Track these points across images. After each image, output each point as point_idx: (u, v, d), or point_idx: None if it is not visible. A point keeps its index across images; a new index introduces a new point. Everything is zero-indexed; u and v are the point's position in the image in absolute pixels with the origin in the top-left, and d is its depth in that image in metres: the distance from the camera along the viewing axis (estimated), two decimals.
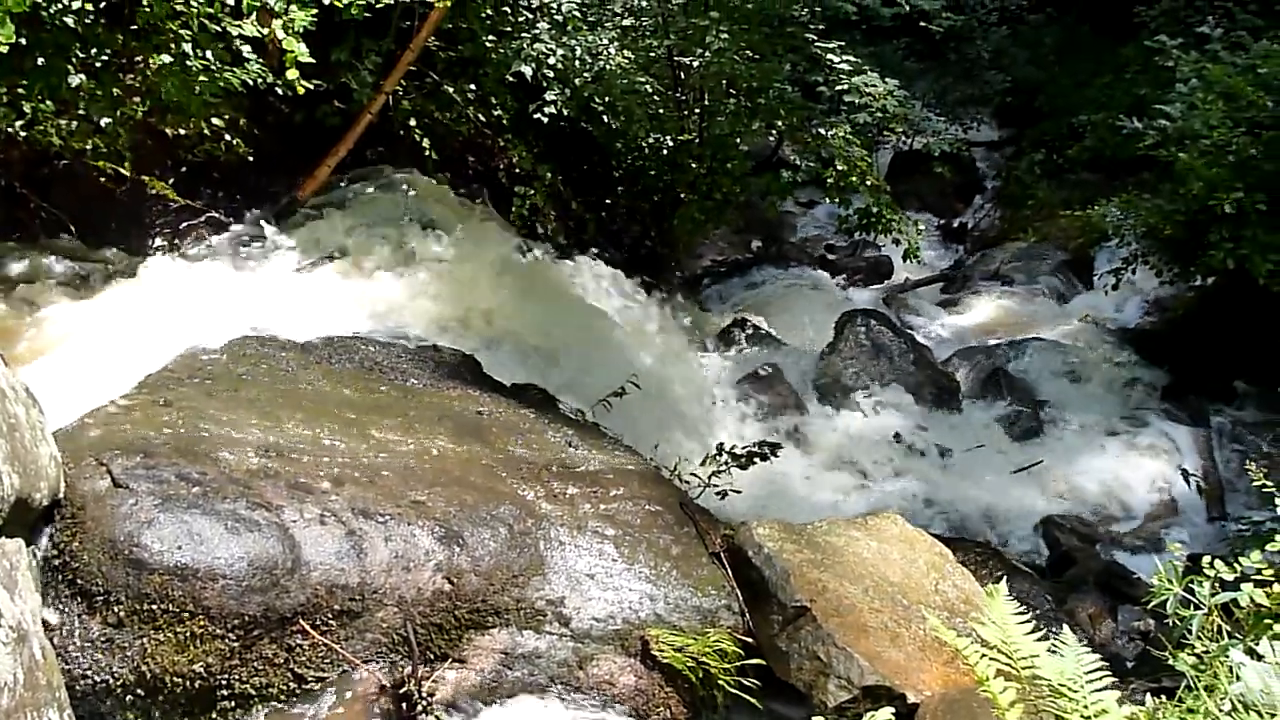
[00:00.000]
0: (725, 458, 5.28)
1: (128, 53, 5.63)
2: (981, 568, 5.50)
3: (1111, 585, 6.05)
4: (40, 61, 5.09)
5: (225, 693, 3.20)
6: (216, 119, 5.99)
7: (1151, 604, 3.14)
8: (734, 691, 3.60)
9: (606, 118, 8.71)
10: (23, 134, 5.45)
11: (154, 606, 3.10)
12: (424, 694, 3.39)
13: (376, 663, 3.44)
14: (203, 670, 3.14)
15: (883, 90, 8.29)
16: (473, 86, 7.85)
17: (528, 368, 6.28)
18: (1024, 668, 2.63)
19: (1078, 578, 6.24)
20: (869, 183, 8.57)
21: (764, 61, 8.70)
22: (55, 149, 5.67)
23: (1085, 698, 2.53)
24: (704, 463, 5.23)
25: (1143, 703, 2.77)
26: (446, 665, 3.51)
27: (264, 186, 6.93)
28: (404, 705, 3.39)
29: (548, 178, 8.12)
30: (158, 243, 6.45)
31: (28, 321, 5.54)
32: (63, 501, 3.23)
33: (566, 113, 7.99)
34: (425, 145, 7.21)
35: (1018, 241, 11.30)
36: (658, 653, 3.62)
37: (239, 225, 6.73)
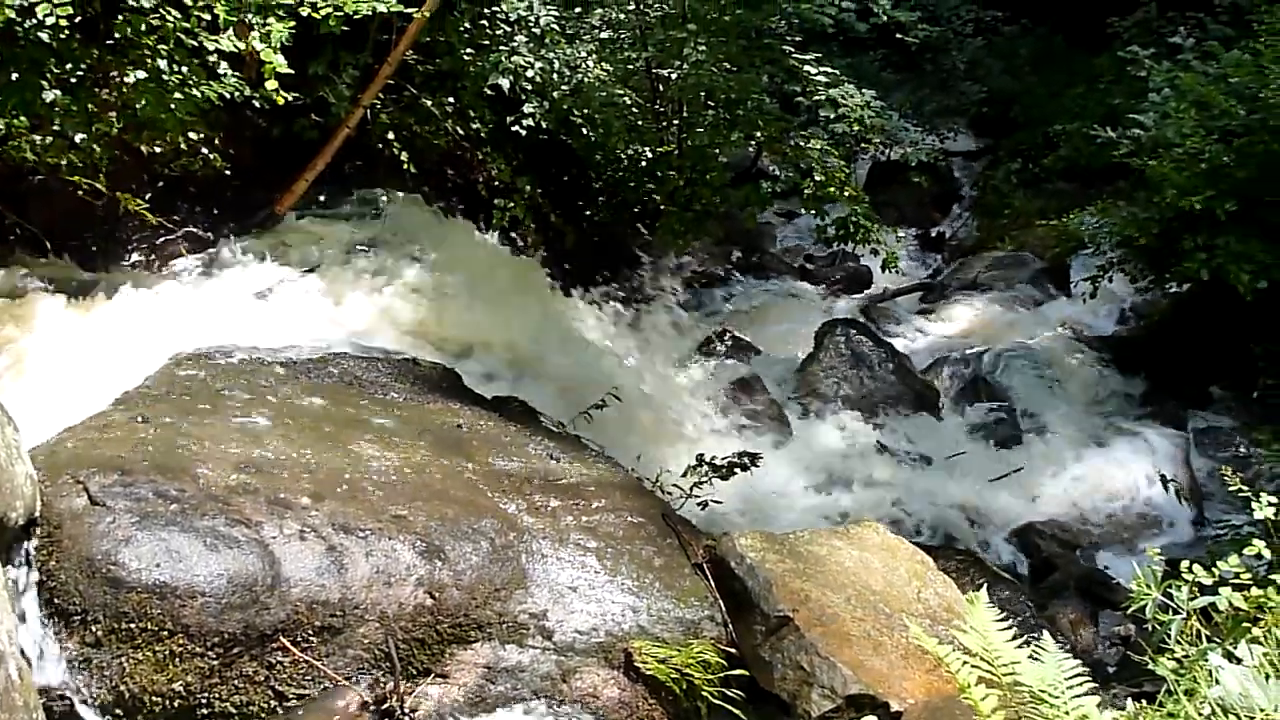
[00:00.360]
0: (706, 469, 5.28)
1: (103, 68, 5.59)
2: (963, 575, 5.52)
3: (1092, 591, 6.09)
4: (14, 77, 5.05)
5: (205, 711, 3.17)
6: (193, 134, 5.96)
7: (1131, 609, 3.17)
8: (717, 702, 3.60)
9: (585, 130, 8.72)
10: None
11: (132, 625, 3.08)
12: (406, 710, 3.38)
13: (358, 679, 3.42)
14: (182, 689, 3.12)
15: (859, 101, 8.34)
16: (451, 99, 7.84)
17: (508, 380, 6.28)
18: (1005, 674, 2.64)
19: (1058, 584, 6.27)
20: (847, 193, 8.61)
21: (742, 73, 8.73)
22: (30, 165, 5.62)
23: (1066, 703, 2.54)
24: (685, 474, 5.24)
25: (1124, 708, 2.79)
26: (429, 680, 3.49)
27: (241, 201, 6.89)
28: None
29: (527, 190, 8.12)
30: (134, 258, 6.41)
31: (2, 339, 5.50)
32: (39, 520, 3.20)
33: (545, 125, 8.00)
34: (404, 158, 7.20)
35: (995, 250, 11.38)
36: (641, 664, 3.62)
37: (216, 240, 6.69)
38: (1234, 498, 4.29)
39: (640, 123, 9.06)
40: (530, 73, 7.66)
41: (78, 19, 5.20)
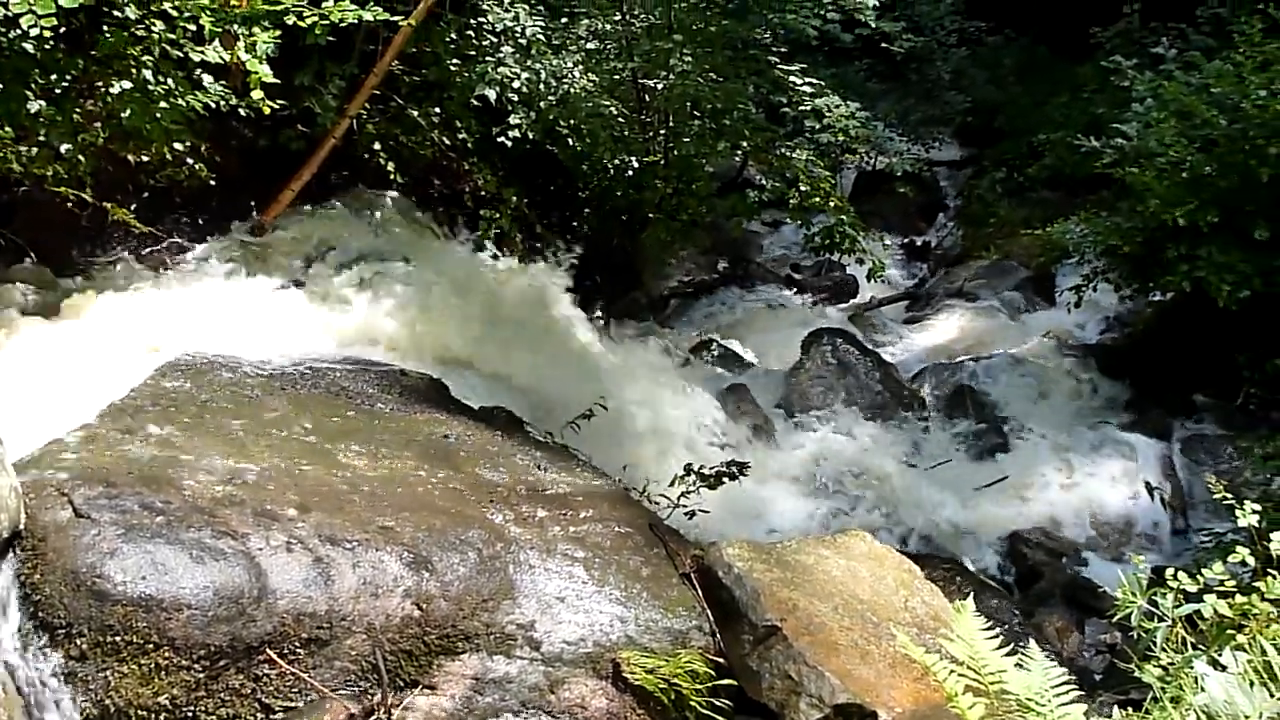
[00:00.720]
0: (694, 478, 5.28)
1: (88, 79, 5.58)
2: (949, 583, 5.55)
3: (1078, 598, 6.12)
4: None
5: None
6: (179, 144, 5.94)
7: (1117, 617, 3.18)
8: (706, 712, 3.59)
9: (571, 140, 8.73)
10: None
11: (118, 638, 3.06)
12: None
13: (345, 691, 3.41)
14: (168, 702, 3.10)
15: (844, 112, 8.38)
16: (437, 110, 7.85)
17: (495, 390, 6.27)
18: (992, 683, 2.65)
19: (1044, 592, 6.30)
20: (833, 203, 8.65)
21: (728, 83, 8.76)
22: (15, 175, 5.61)
23: (1052, 711, 2.55)
24: (673, 483, 5.23)
25: (1110, 715, 2.80)
26: (417, 692, 3.48)
27: (228, 211, 6.88)
28: None
29: (513, 200, 8.12)
30: (120, 269, 6.39)
31: None
32: (23, 533, 3.18)
33: (531, 135, 8.01)
34: (390, 169, 7.20)
35: (980, 259, 11.43)
36: (629, 675, 3.61)
37: (203, 250, 6.68)
38: (1218, 505, 4.32)
39: (626, 133, 9.08)
40: (516, 83, 7.68)
41: (62, 30, 5.18)
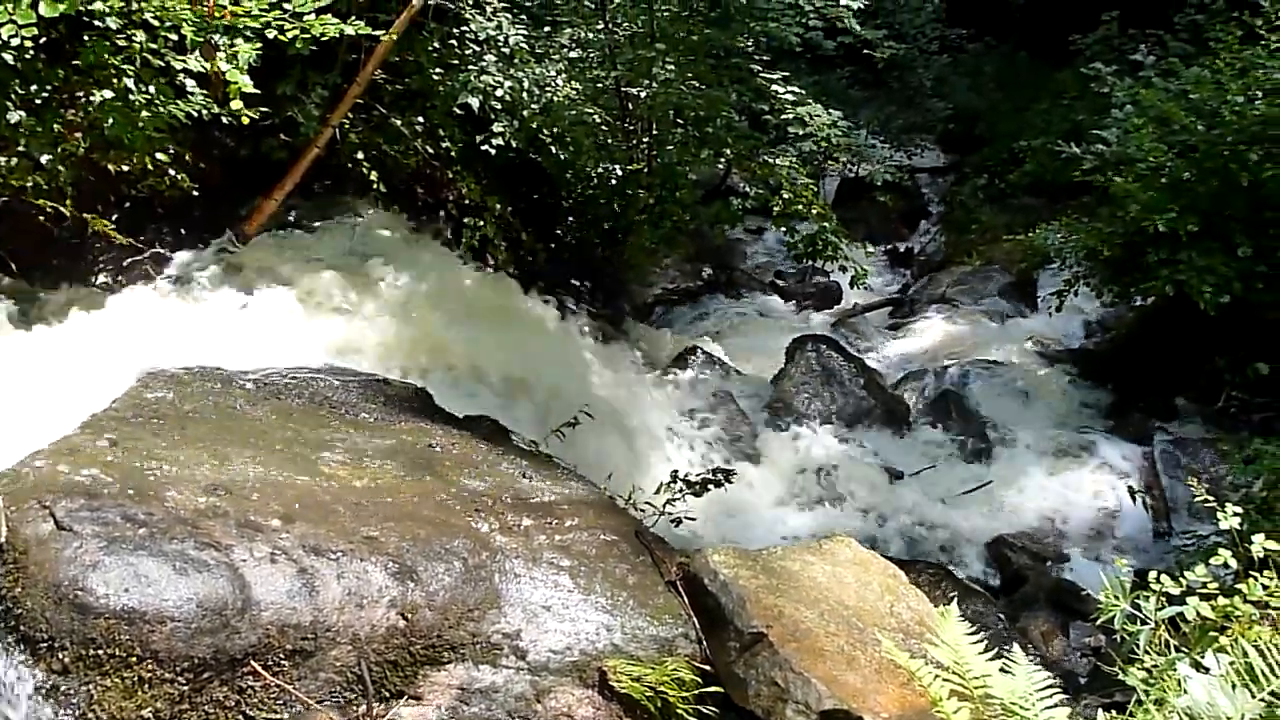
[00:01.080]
0: (679, 485, 5.29)
1: (68, 88, 5.56)
2: (935, 588, 5.56)
3: (1062, 602, 6.13)
4: None
5: None
6: (160, 154, 5.93)
7: (1101, 620, 3.20)
8: None
9: (555, 148, 8.74)
10: None
11: (100, 651, 3.04)
12: None
13: (330, 702, 3.39)
14: (151, 715, 3.08)
15: (826, 120, 8.40)
16: (420, 119, 7.84)
17: (480, 399, 6.26)
18: (977, 687, 2.66)
19: (1029, 596, 6.32)
20: (815, 210, 8.68)
21: (711, 91, 8.79)
22: None
23: (1037, 715, 2.56)
24: (658, 491, 5.24)
25: (1094, 718, 2.81)
26: (402, 703, 3.47)
27: (210, 221, 6.85)
28: None
29: (497, 209, 8.12)
30: (101, 279, 6.35)
31: None
32: (4, 546, 3.15)
33: (515, 144, 8.01)
34: (373, 178, 7.19)
35: (963, 265, 11.49)
36: (615, 683, 3.61)
37: (185, 260, 6.65)
38: (1200, 508, 4.35)
39: (610, 141, 9.10)
40: (500, 92, 7.68)
41: (42, 40, 5.17)
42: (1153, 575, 3.16)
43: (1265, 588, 3.05)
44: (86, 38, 5.22)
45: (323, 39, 5.08)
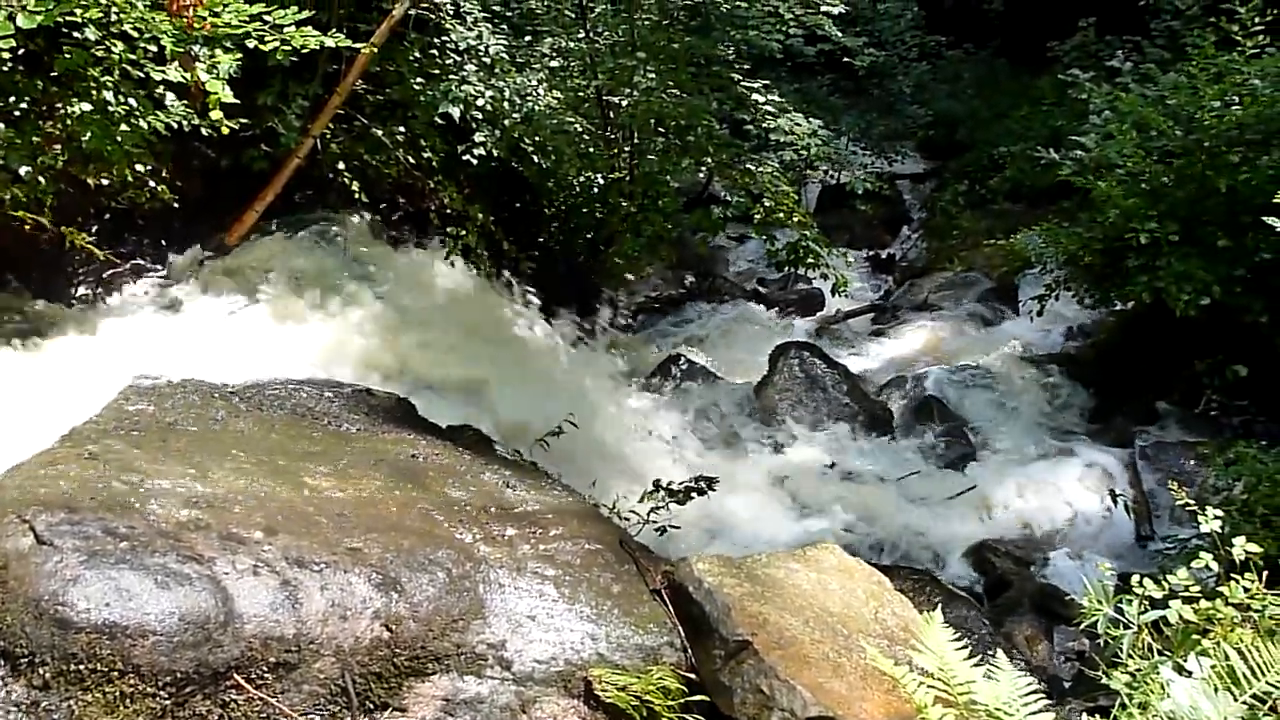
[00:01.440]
0: (663, 494, 5.29)
1: (47, 100, 5.53)
2: (919, 594, 5.56)
3: (1046, 607, 6.15)
4: None
5: None
6: (140, 165, 5.90)
7: (1084, 624, 3.21)
8: None
9: (537, 157, 8.75)
10: None
11: (82, 666, 3.01)
12: None
13: (314, 715, 3.37)
14: None
15: (806, 130, 8.44)
16: (402, 129, 7.84)
17: (463, 409, 6.25)
18: (961, 694, 2.67)
19: (1013, 600, 6.33)
20: (796, 218, 8.71)
21: (692, 100, 8.82)
22: None
23: None
24: (642, 499, 5.24)
25: None
26: (387, 715, 3.46)
27: (190, 233, 6.83)
28: None
29: (479, 218, 8.12)
30: (81, 291, 6.33)
31: None
32: None
33: (496, 153, 8.02)
34: (355, 188, 7.18)
35: (944, 271, 11.54)
36: (601, 693, 3.60)
37: (165, 272, 6.63)
38: (1182, 511, 4.38)
39: (591, 150, 9.11)
40: (481, 101, 7.68)
41: (20, 51, 5.15)
42: (1135, 579, 3.17)
43: (1247, 590, 3.07)
44: (65, 49, 5.19)
45: (303, 50, 5.07)
